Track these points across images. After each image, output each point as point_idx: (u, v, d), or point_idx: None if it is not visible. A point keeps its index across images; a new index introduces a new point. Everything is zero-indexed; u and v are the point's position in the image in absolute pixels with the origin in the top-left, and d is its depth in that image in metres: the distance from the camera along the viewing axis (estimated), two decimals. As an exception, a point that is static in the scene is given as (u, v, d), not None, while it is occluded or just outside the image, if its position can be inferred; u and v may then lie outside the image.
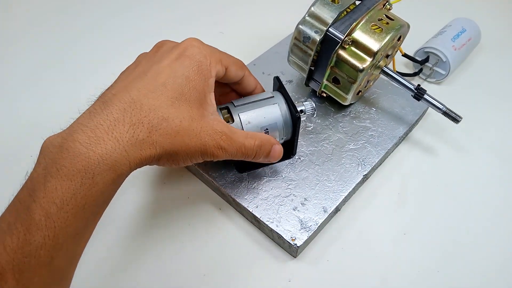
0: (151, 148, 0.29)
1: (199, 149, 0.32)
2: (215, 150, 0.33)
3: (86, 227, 0.28)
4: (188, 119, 0.31)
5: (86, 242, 0.29)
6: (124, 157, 0.27)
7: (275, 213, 0.40)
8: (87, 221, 0.27)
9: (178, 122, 0.30)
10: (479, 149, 0.48)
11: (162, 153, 0.30)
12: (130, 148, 0.28)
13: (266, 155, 0.37)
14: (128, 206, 0.43)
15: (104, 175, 0.27)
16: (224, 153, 0.33)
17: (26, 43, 0.60)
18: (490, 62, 0.59)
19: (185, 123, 0.31)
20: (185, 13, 0.65)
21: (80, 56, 0.59)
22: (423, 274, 0.39)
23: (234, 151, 0.34)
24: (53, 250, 0.25)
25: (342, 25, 0.42)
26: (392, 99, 0.50)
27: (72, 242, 0.27)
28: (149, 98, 0.30)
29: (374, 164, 0.44)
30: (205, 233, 0.41)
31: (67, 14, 0.65)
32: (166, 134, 0.30)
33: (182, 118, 0.31)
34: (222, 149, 0.33)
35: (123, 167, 0.27)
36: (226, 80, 0.38)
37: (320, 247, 0.40)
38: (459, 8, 0.65)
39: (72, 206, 0.26)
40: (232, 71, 0.37)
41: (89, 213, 0.27)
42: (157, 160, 0.30)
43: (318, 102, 0.50)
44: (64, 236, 0.26)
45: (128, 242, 0.41)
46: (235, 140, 0.34)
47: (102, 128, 0.27)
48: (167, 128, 0.30)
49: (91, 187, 0.26)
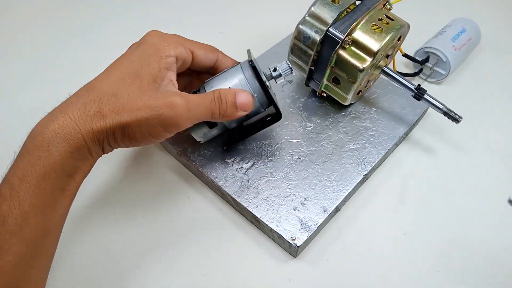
0: (101, 122, 0.31)
1: (153, 118, 0.32)
2: (172, 115, 0.33)
3: (54, 201, 0.30)
4: (137, 92, 0.33)
5: (59, 219, 0.32)
6: (75, 131, 0.30)
7: (275, 213, 0.40)
8: (52, 194, 0.30)
9: (126, 96, 0.32)
10: (479, 149, 0.48)
11: (113, 126, 0.32)
12: (81, 123, 0.31)
13: (233, 105, 0.36)
14: (128, 206, 0.43)
15: (59, 147, 0.30)
16: (183, 115, 0.34)
17: (26, 43, 0.60)
18: (490, 62, 0.59)
19: (133, 96, 0.32)
20: (185, 13, 0.65)
21: (80, 56, 0.59)
22: (423, 274, 0.39)
23: (194, 108, 0.34)
24: (20, 219, 0.28)
25: (342, 25, 0.42)
26: (392, 99, 0.50)
27: (40, 213, 0.29)
28: (101, 82, 0.33)
29: (374, 164, 0.44)
30: (205, 233, 0.41)
31: (67, 14, 0.65)
32: (115, 107, 0.32)
33: (131, 92, 0.33)
34: (179, 112, 0.33)
35: (76, 140, 0.31)
36: (199, 64, 0.39)
37: (320, 247, 0.40)
38: (459, 8, 0.65)
39: (32, 177, 0.29)
40: (201, 54, 0.38)
41: (51, 184, 0.30)
42: (112, 134, 0.32)
43: (318, 102, 0.50)
44: (29, 206, 0.29)
45: (128, 242, 0.41)
46: (192, 100, 0.34)
47: (58, 110, 0.32)
48: (116, 102, 0.32)
49: (48, 159, 0.29)
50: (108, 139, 0.33)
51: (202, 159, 0.44)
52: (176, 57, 0.36)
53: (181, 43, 0.37)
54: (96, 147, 0.32)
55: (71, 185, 0.32)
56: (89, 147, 0.32)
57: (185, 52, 0.37)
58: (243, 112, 0.37)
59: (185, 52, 0.37)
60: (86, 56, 0.59)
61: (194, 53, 0.38)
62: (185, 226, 0.42)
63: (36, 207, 0.29)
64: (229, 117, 0.37)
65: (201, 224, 0.42)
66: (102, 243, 0.40)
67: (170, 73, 0.35)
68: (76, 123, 0.31)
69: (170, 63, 0.35)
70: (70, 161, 0.31)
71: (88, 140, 0.31)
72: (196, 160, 0.44)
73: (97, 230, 0.41)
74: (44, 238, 0.30)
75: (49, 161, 0.29)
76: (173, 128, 0.34)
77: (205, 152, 0.45)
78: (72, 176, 0.32)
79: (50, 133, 0.30)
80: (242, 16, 0.65)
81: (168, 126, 0.33)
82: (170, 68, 0.35)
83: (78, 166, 0.32)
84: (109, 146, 0.34)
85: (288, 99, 0.50)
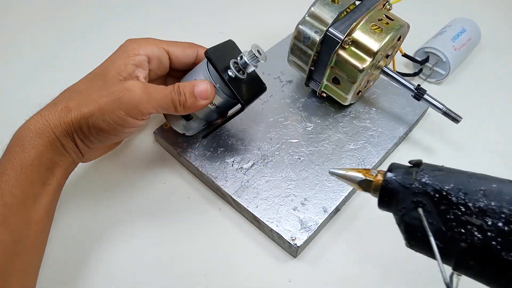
0: (67, 115, 0.34)
1: (113, 102, 0.34)
2: (130, 97, 0.34)
3: (35, 193, 0.33)
4: (101, 85, 0.35)
5: (44, 212, 0.33)
6: (46, 126, 0.33)
7: (275, 213, 0.40)
8: (32, 187, 0.33)
9: (90, 90, 0.35)
10: (479, 149, 0.48)
11: (78, 117, 0.34)
12: (50, 118, 0.34)
13: (191, 95, 0.37)
14: (128, 206, 0.43)
15: (32, 142, 0.33)
16: (142, 97, 0.34)
17: (26, 43, 0.60)
18: (490, 62, 0.59)
19: (96, 88, 0.35)
20: (185, 13, 0.65)
21: (81, 56, 0.59)
22: (423, 274, 0.39)
23: (153, 93, 0.35)
24: (4, 209, 0.31)
25: (342, 25, 0.42)
26: (392, 99, 0.50)
27: (22, 205, 0.32)
28: (74, 85, 0.37)
29: (374, 164, 0.44)
30: (205, 233, 0.41)
31: (67, 14, 0.65)
32: (80, 101, 0.34)
33: (95, 86, 0.36)
34: (137, 94, 0.34)
35: (47, 134, 0.33)
36: (179, 62, 0.40)
37: (320, 247, 0.40)
38: (459, 8, 0.65)
39: (10, 170, 0.32)
40: (177, 52, 0.40)
41: (30, 177, 0.32)
42: (79, 127, 0.34)
43: (318, 102, 0.50)
44: (11, 197, 0.31)
45: (128, 242, 0.41)
46: (152, 86, 0.36)
47: (34, 114, 0.34)
48: (80, 97, 0.35)
49: (23, 152, 0.32)
50: (77, 132, 0.35)
51: (202, 159, 0.44)
52: (148, 56, 0.38)
53: (154, 43, 0.39)
54: (69, 142, 0.35)
55: (51, 179, 0.34)
56: (61, 141, 0.34)
57: (157, 51, 0.39)
58: (204, 101, 0.37)
59: (157, 51, 0.39)
60: (86, 56, 0.59)
61: (169, 52, 0.39)
62: (185, 226, 0.42)
63: (18, 199, 0.31)
64: (191, 107, 0.37)
65: (201, 225, 0.42)
66: (101, 243, 0.40)
67: (139, 70, 0.37)
68: (46, 119, 0.34)
69: (139, 61, 0.37)
70: (46, 155, 0.33)
71: (58, 134, 0.34)
72: (196, 160, 0.44)
73: (97, 231, 0.41)
74: (28, 228, 0.32)
75: (24, 155, 0.32)
76: (133, 110, 0.34)
77: (205, 152, 0.45)
78: (51, 171, 0.34)
79: (24, 130, 0.33)
80: (242, 16, 0.65)
81: (129, 109, 0.34)
82: (140, 66, 0.37)
83: (55, 160, 0.34)
84: (82, 142, 0.35)
85: (288, 99, 0.50)
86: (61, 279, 0.38)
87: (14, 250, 0.31)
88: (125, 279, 0.38)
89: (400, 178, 0.26)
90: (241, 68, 0.39)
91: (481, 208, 0.23)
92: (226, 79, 0.38)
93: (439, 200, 0.24)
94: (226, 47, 0.40)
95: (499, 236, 0.22)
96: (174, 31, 0.61)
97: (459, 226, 0.23)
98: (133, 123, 0.35)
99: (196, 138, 0.46)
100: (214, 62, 0.37)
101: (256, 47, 0.38)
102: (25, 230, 0.32)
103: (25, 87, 0.55)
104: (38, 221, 0.33)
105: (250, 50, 0.38)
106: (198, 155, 0.44)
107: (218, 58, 0.38)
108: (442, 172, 0.25)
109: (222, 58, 0.38)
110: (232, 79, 0.38)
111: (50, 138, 0.33)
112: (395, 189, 0.26)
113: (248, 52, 0.38)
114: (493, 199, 0.23)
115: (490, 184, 0.24)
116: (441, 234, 0.24)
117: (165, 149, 0.47)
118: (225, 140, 0.46)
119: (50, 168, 0.34)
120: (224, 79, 0.38)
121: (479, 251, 0.22)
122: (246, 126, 0.47)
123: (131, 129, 0.36)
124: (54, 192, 0.35)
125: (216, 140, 0.46)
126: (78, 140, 0.35)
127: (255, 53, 0.38)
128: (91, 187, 0.44)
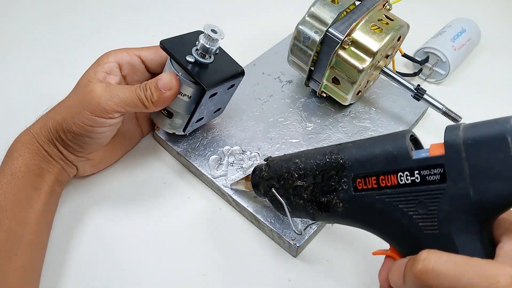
0: (46, 124, 0.37)
1: (78, 105, 0.37)
2: (91, 96, 0.36)
3: (28, 197, 0.36)
4: (72, 94, 0.39)
5: (39, 214, 0.36)
6: (30, 136, 0.37)
7: (275, 213, 0.40)
8: (25, 190, 0.36)
9: (64, 100, 0.39)
10: (478, 149, 0.48)
11: (55, 124, 0.37)
12: (34, 130, 0.38)
13: (156, 88, 0.37)
14: (128, 206, 0.43)
15: (19, 151, 0.37)
16: (103, 96, 0.36)
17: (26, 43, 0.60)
18: (490, 62, 0.59)
19: (68, 97, 0.39)
20: (185, 14, 0.65)
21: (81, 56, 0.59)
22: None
23: (116, 90, 0.37)
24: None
25: (342, 25, 0.42)
26: (392, 99, 0.50)
27: (16, 207, 0.35)
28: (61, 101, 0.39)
29: (374, 164, 0.44)
30: (205, 233, 0.41)
31: (68, 15, 0.65)
32: (55, 111, 0.38)
33: (69, 96, 0.39)
34: (98, 93, 0.36)
35: (31, 143, 0.37)
36: (154, 63, 0.41)
37: (320, 247, 0.40)
38: (459, 8, 0.65)
39: (2, 177, 0.35)
40: (149, 55, 0.41)
41: (21, 182, 0.36)
42: (57, 133, 0.37)
43: (318, 102, 0.50)
44: (4, 200, 0.34)
45: (128, 242, 0.41)
46: (114, 85, 0.38)
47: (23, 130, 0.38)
48: (57, 107, 0.39)
49: (12, 161, 0.36)
50: (57, 139, 0.37)
51: (202, 159, 0.44)
52: (118, 62, 0.40)
53: (124, 50, 0.41)
54: (52, 149, 0.38)
55: (42, 184, 0.37)
56: (44, 148, 0.37)
57: (127, 57, 0.40)
58: (169, 92, 0.38)
59: (127, 57, 0.40)
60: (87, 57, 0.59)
61: (141, 56, 0.41)
62: (185, 226, 0.42)
63: (12, 201, 0.35)
64: (159, 100, 0.38)
65: (201, 224, 0.42)
66: (101, 242, 0.40)
67: (110, 76, 0.39)
68: (30, 131, 0.38)
69: (109, 68, 0.39)
70: (32, 161, 0.37)
71: (41, 142, 0.37)
72: (196, 160, 0.44)
73: (97, 230, 0.41)
74: (24, 229, 0.35)
75: (13, 163, 0.36)
76: (97, 109, 0.36)
77: (205, 152, 0.45)
78: (41, 176, 0.37)
79: (13, 144, 0.38)
80: (242, 16, 0.65)
81: (93, 109, 0.36)
82: (111, 72, 0.39)
83: (42, 167, 0.37)
84: (65, 149, 0.38)
85: (288, 99, 0.50)
86: (61, 279, 0.38)
87: (10, 249, 0.33)
88: (125, 280, 0.38)
89: (257, 173, 0.37)
90: (204, 52, 0.38)
91: (300, 173, 0.32)
92: (185, 65, 0.37)
93: (279, 178, 0.34)
94: (191, 37, 0.40)
95: (315, 187, 0.31)
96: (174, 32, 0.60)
97: (294, 190, 0.33)
98: (102, 122, 0.37)
99: (196, 138, 0.46)
100: (169, 50, 0.38)
101: (209, 27, 0.37)
102: (21, 230, 0.35)
103: (25, 88, 0.55)
104: (34, 222, 0.36)
105: (204, 32, 0.37)
106: (198, 155, 0.44)
107: (177, 47, 0.38)
108: (278, 160, 0.35)
109: (183, 47, 0.38)
110: (194, 64, 0.38)
111: (35, 146, 0.37)
112: (256, 182, 0.37)
113: (203, 34, 0.38)
114: (304, 164, 0.32)
115: (301, 156, 0.33)
116: (289, 200, 0.34)
117: (165, 149, 0.48)
118: (225, 140, 0.46)
119: (39, 174, 0.37)
120: (183, 65, 0.38)
121: (310, 201, 0.32)
122: (246, 126, 0.47)
123: (102, 128, 0.37)
124: (47, 196, 0.37)
125: (216, 140, 0.46)
126: (61, 147, 0.38)
127: (210, 34, 0.37)
128: (91, 187, 0.44)
